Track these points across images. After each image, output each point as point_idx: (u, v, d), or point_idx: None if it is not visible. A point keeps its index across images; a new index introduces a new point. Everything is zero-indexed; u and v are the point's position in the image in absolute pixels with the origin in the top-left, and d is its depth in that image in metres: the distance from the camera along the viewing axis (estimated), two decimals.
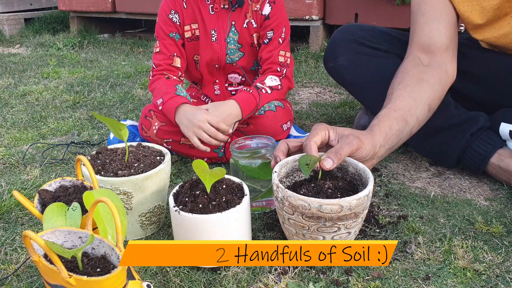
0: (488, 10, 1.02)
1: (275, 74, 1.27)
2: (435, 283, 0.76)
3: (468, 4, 1.03)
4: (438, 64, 1.03)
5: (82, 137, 1.48)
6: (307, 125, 1.54)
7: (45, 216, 0.66)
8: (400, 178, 1.14)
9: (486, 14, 1.03)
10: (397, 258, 0.83)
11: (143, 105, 1.81)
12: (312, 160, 0.78)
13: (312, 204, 0.73)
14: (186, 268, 0.81)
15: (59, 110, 1.77)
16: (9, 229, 0.96)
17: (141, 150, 0.95)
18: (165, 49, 1.28)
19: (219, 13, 1.28)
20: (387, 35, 1.30)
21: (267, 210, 1.00)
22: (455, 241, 0.87)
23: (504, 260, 0.82)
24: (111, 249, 0.63)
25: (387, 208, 1.00)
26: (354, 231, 0.79)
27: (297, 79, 2.15)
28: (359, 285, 0.76)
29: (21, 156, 1.33)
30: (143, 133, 1.26)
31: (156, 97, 1.23)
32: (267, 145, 1.01)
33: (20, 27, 3.57)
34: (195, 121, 1.11)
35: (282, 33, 1.28)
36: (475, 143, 1.09)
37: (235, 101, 1.18)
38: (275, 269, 0.80)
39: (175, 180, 1.16)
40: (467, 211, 0.98)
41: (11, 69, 2.48)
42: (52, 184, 0.78)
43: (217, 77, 1.36)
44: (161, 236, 0.93)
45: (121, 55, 2.84)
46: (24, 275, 0.82)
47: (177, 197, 0.83)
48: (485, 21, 1.05)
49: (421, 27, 1.05)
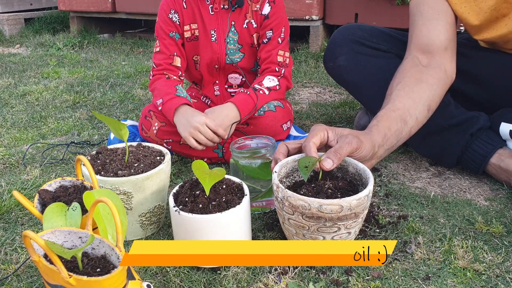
0: (485, 11, 1.02)
1: (273, 74, 1.27)
2: (435, 283, 0.76)
3: (465, 5, 1.03)
4: (437, 65, 1.03)
5: (82, 137, 1.48)
6: (307, 125, 1.54)
7: (45, 216, 0.66)
8: (400, 178, 1.14)
9: (483, 15, 1.03)
10: (397, 258, 0.83)
11: (143, 105, 1.81)
12: (311, 162, 0.78)
13: (312, 204, 0.73)
14: (186, 268, 0.81)
15: (59, 110, 1.77)
16: (9, 229, 0.96)
17: (141, 150, 0.95)
18: (165, 49, 1.28)
19: (218, 13, 1.28)
20: (387, 35, 1.30)
21: (267, 210, 1.00)
22: (455, 241, 0.87)
23: (504, 260, 0.82)
24: (111, 249, 0.63)
25: (387, 208, 1.00)
26: (354, 231, 0.79)
27: (297, 79, 2.15)
28: (359, 285, 0.76)
29: (21, 156, 1.33)
30: (143, 133, 1.26)
31: (156, 97, 1.23)
32: (267, 145, 1.01)
33: (20, 27, 3.57)
34: (193, 122, 1.11)
35: (281, 33, 1.28)
36: (475, 143, 1.09)
37: (232, 104, 1.18)
38: (275, 269, 0.80)
39: (175, 180, 1.16)
40: (467, 211, 0.98)
41: (11, 69, 2.48)
42: (52, 184, 0.78)
43: (217, 77, 1.36)
44: (161, 236, 0.93)
45: (121, 55, 2.84)
46: (24, 275, 0.82)
47: (177, 197, 0.83)
48: (482, 22, 1.05)
49: (420, 28, 1.05)
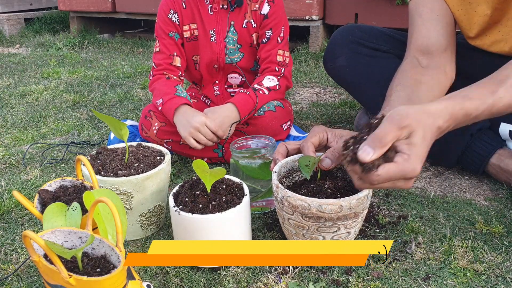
0: (480, 15, 1.02)
1: (273, 74, 1.27)
2: (435, 283, 0.76)
3: (461, 8, 1.03)
4: (437, 65, 1.03)
5: (82, 137, 1.48)
6: (307, 125, 1.54)
7: (45, 216, 0.66)
8: None
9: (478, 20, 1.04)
10: (397, 258, 0.83)
11: (143, 105, 1.81)
12: (311, 161, 0.78)
13: (312, 204, 0.73)
14: (186, 268, 0.81)
15: (59, 110, 1.77)
16: (9, 229, 0.96)
17: (141, 150, 0.95)
18: (165, 49, 1.28)
19: (218, 13, 1.28)
20: (387, 35, 1.30)
21: (267, 210, 1.00)
22: (455, 241, 0.87)
23: (504, 260, 0.82)
24: (111, 249, 0.63)
25: (387, 208, 1.00)
26: (354, 231, 0.79)
27: (297, 79, 2.15)
28: (359, 285, 0.76)
29: (21, 156, 1.33)
30: (143, 133, 1.26)
31: (156, 97, 1.23)
32: (267, 145, 1.01)
33: (20, 27, 3.57)
34: (193, 123, 1.12)
35: (281, 32, 1.28)
36: (475, 143, 1.09)
37: (232, 104, 1.19)
38: (275, 269, 0.80)
39: (175, 180, 1.16)
40: (467, 211, 0.98)
41: (11, 69, 2.48)
42: (52, 184, 0.78)
43: (217, 77, 1.36)
44: (161, 236, 0.93)
45: (121, 55, 2.84)
46: (24, 275, 0.82)
47: (177, 197, 0.83)
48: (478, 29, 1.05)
49: (419, 29, 1.05)
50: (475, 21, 1.04)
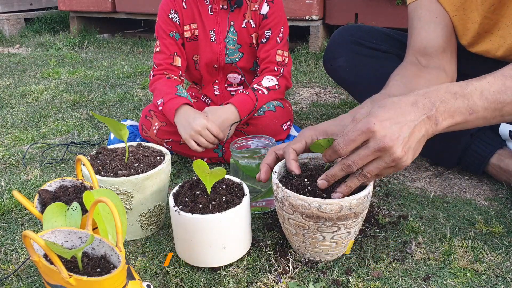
0: (472, 22, 1.03)
1: (272, 74, 1.28)
2: (435, 283, 0.76)
3: (456, 14, 1.04)
4: (436, 66, 1.03)
5: (82, 137, 1.48)
6: (307, 125, 1.54)
7: (45, 216, 0.66)
8: (400, 178, 1.14)
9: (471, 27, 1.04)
10: (397, 258, 0.83)
11: (143, 105, 1.81)
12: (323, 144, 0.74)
13: (312, 204, 0.73)
14: (186, 268, 0.81)
15: (59, 110, 1.77)
16: (9, 229, 0.96)
17: (141, 150, 0.95)
18: (166, 49, 1.28)
19: (218, 14, 1.28)
20: (387, 35, 1.30)
21: (267, 210, 1.00)
22: (455, 241, 0.87)
23: (504, 260, 0.82)
24: (111, 249, 0.63)
25: (387, 208, 1.00)
26: (354, 231, 0.79)
27: (297, 79, 2.15)
28: (359, 285, 0.76)
29: (21, 156, 1.33)
30: (143, 133, 1.26)
31: (157, 97, 1.23)
32: (267, 145, 1.01)
33: (20, 27, 3.57)
34: (194, 126, 1.12)
35: (280, 32, 1.29)
36: (475, 143, 1.09)
37: (232, 105, 1.19)
38: (275, 269, 0.80)
39: (175, 180, 1.16)
40: (467, 211, 0.98)
41: (11, 69, 2.48)
42: (52, 184, 0.78)
43: (217, 77, 1.36)
44: (161, 236, 0.93)
45: (121, 55, 2.84)
46: (24, 275, 0.82)
47: (177, 197, 0.83)
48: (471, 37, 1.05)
49: (418, 31, 1.05)
50: (469, 27, 1.04)
